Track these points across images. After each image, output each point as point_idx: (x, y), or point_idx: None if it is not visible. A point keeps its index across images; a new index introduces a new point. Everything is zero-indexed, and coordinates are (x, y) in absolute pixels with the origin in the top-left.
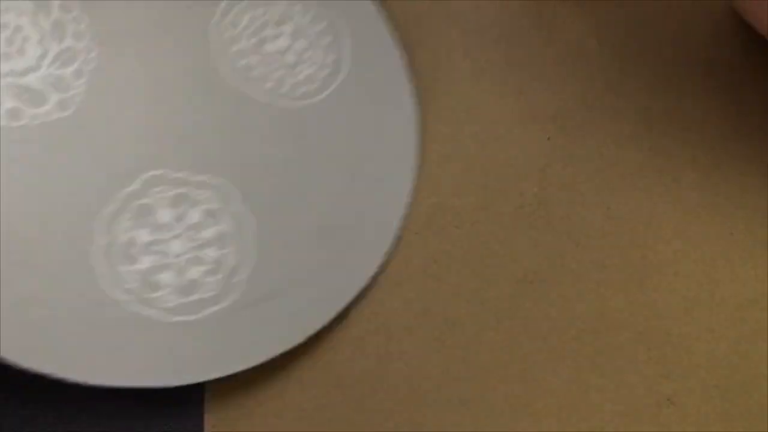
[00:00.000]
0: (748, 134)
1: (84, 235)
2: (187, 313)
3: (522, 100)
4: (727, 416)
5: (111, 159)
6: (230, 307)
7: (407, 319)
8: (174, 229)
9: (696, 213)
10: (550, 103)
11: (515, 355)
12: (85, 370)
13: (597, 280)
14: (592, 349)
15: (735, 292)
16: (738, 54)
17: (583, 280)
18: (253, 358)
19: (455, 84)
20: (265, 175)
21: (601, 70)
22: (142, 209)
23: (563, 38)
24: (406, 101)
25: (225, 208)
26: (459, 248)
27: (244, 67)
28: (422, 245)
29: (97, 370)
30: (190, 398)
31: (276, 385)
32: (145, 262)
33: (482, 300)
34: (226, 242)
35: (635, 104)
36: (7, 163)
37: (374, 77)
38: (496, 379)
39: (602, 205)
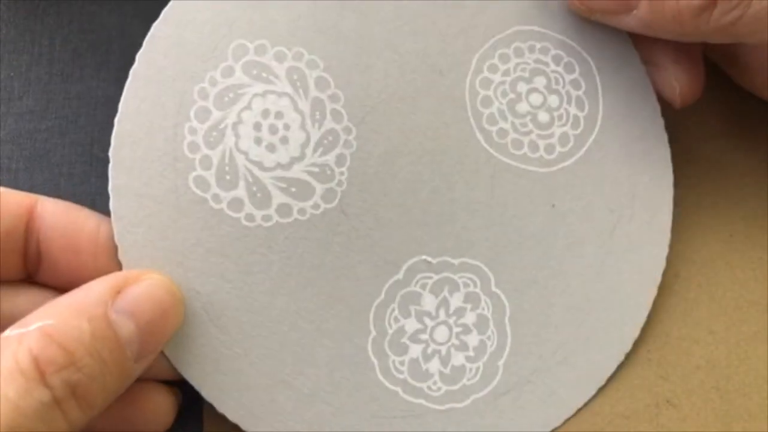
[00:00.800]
0: (749, 134)
1: (360, 328)
2: (455, 400)
3: None
4: (726, 418)
5: (377, 249)
6: (492, 393)
7: None
8: (438, 316)
9: (696, 214)
10: None
11: None
12: None
13: None
14: None
15: (735, 293)
16: None
17: None
18: None
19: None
20: (517, 253)
21: None
22: (407, 297)
23: None
24: (662, 156)
25: (482, 291)
26: None
27: (498, 132)
28: None
29: None
30: (190, 399)
31: None
32: (414, 351)
33: None
34: (485, 327)
35: None
36: (280, 260)
37: (628, 129)
38: None
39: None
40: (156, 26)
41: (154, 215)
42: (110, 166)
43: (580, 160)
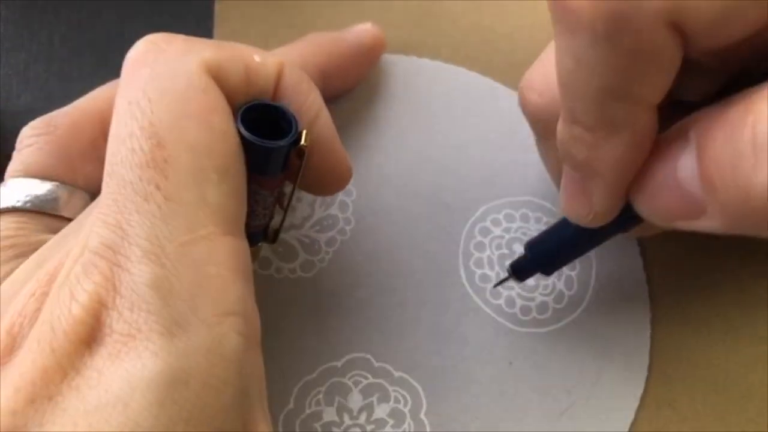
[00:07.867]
0: None
1: (280, 399)
2: None
3: None
4: (726, 419)
5: (328, 333)
6: None
7: None
8: (358, 418)
9: None
10: None
11: None
12: None
13: None
14: None
15: (736, 294)
16: None
17: None
18: None
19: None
20: (458, 394)
21: None
22: (336, 387)
23: None
24: (643, 328)
25: (410, 413)
26: None
27: (481, 277)
28: None
29: None
30: None
31: None
32: None
33: None
34: None
35: None
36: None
37: (613, 319)
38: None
39: None
40: None
41: None
42: None
43: (553, 333)
